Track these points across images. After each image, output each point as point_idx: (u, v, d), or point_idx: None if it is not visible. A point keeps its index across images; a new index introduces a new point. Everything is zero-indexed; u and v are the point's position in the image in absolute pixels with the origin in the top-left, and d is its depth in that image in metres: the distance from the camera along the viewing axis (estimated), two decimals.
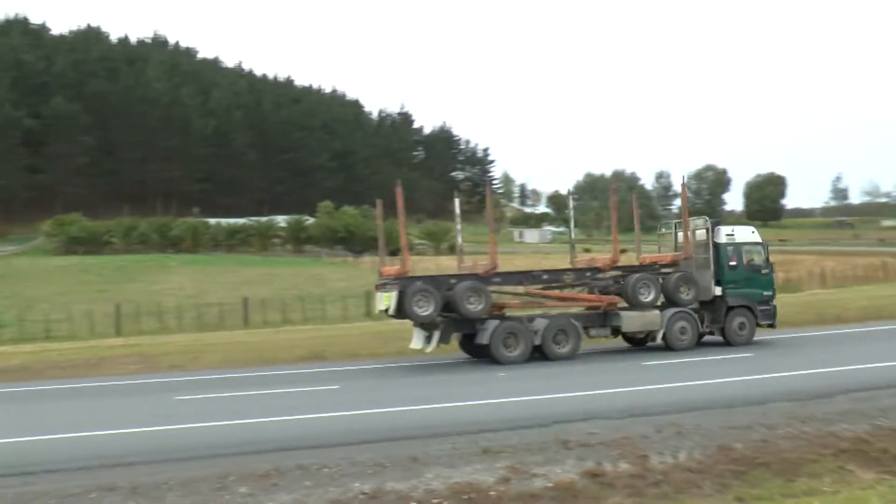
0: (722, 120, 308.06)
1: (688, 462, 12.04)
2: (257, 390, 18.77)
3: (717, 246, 23.91)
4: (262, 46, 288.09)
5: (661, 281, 23.24)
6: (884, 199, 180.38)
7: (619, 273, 23.49)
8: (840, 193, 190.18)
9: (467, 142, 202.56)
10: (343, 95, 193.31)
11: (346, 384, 19.49)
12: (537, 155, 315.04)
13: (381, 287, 22.34)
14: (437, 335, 21.63)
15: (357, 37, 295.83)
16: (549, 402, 15.74)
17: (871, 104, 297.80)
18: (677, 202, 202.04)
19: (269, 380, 20.67)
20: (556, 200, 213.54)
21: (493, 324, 21.58)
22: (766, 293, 24.22)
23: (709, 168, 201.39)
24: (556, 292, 23.73)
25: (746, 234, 25.31)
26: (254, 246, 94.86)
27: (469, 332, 22.31)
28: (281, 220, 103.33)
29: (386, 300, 21.60)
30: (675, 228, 26.34)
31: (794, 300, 35.62)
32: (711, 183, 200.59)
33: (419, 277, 22.85)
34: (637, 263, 24.88)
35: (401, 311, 21.21)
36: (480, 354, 22.37)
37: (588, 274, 23.73)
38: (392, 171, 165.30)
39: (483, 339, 21.58)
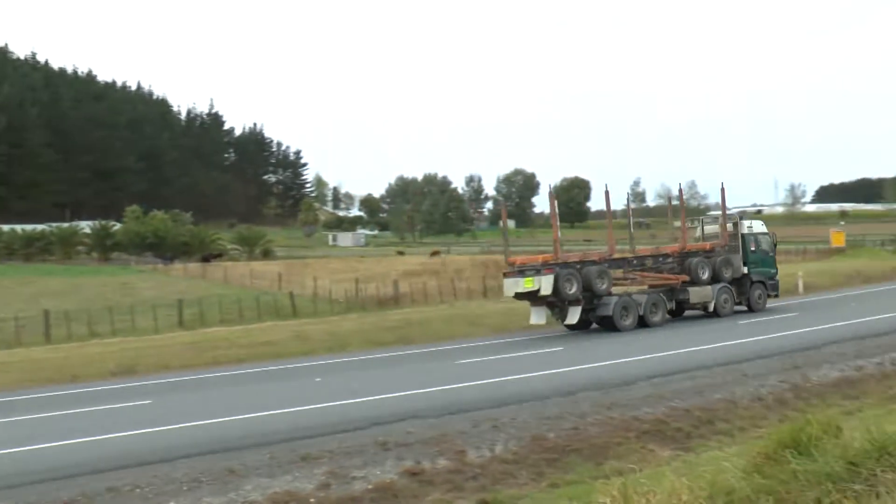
0: (529, 124, 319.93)
1: (504, 454, 12.50)
2: (61, 410, 17.50)
3: (742, 236, 30.50)
4: (59, 36, 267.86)
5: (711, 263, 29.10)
6: (676, 202, 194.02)
7: (680, 258, 29.00)
8: (638, 196, 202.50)
9: (279, 144, 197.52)
10: (149, 93, 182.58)
11: (158, 398, 18.53)
12: (349, 158, 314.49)
13: (519, 273, 26.25)
14: (578, 310, 25.93)
15: (163, 31, 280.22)
16: (367, 404, 15.70)
17: (660, 111, 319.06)
18: (489, 205, 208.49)
19: (74, 399, 19.28)
20: (369, 203, 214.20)
21: (613, 299, 26.42)
22: (772, 271, 31.65)
23: (518, 172, 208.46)
24: (651, 273, 28.80)
25: (759, 226, 33.07)
26: (55, 254, 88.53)
27: (589, 308, 26.40)
28: (85, 225, 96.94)
29: (527, 283, 25.67)
30: (702, 223, 34.10)
31: None
32: (520, 187, 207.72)
33: (565, 264, 26.62)
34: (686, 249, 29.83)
35: (556, 292, 25.31)
36: (586, 326, 27.08)
37: (661, 259, 29.13)
38: (202, 173, 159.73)
39: (606, 311, 26.20)
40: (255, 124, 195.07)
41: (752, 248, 30.81)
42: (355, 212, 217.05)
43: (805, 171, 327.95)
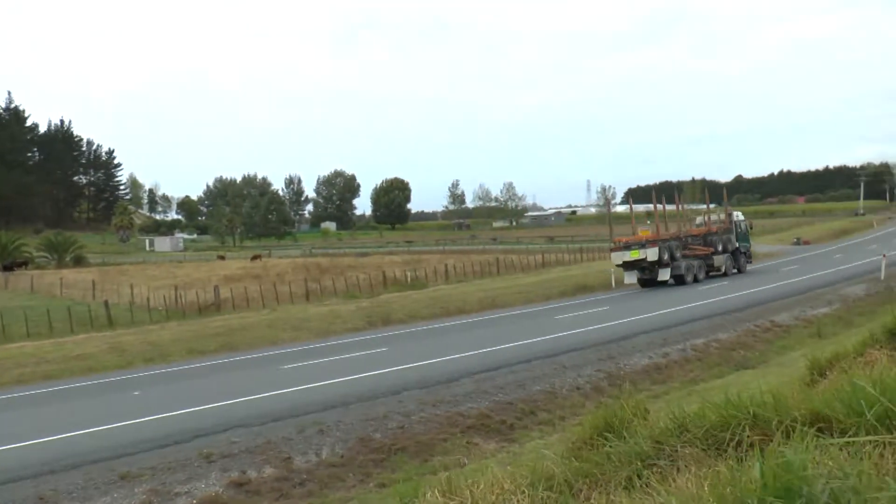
0: (347, 126, 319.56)
1: (331, 457, 12.41)
2: None
3: (734, 222, 44.49)
4: None
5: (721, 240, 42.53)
6: (493, 203, 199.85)
7: (704, 237, 41.87)
8: (457, 198, 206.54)
9: (90, 143, 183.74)
10: None
11: None
12: (165, 158, 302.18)
13: (625, 248, 38.00)
14: (667, 270, 37.97)
15: None
16: (190, 415, 15.04)
17: (477, 116, 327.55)
18: (310, 207, 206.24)
19: None
20: (187, 206, 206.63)
21: (683, 263, 38.76)
22: (748, 245, 45.80)
23: (338, 174, 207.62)
24: (698, 247, 41.20)
25: (740, 216, 46.69)
26: None
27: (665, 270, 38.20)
28: None
29: (633, 254, 37.40)
30: (708, 214, 46.22)
31: (422, 296, 38.05)
32: (341, 189, 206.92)
33: (663, 240, 38.16)
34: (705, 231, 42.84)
35: (658, 259, 37.20)
36: (653, 285, 38.01)
37: (697, 237, 41.52)
38: (1, 174, 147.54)
39: (680, 272, 38.34)
40: (62, 121, 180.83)
41: (740, 230, 44.77)
42: (173, 215, 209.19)
43: (614, 175, 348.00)
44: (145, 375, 21.26)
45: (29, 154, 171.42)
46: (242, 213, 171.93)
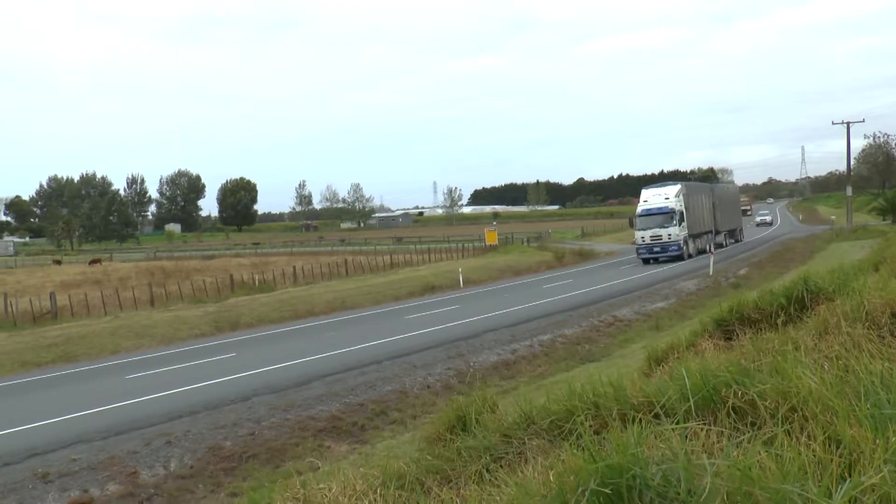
0: (192, 123, 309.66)
1: (180, 469, 12.05)
2: None
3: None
4: None
5: None
6: (341, 205, 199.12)
7: None
8: (305, 199, 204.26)
9: None
10: None
11: None
12: None
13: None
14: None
15: None
16: (23, 434, 14.09)
17: (334, 114, 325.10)
18: (153, 209, 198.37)
19: None
20: (17, 207, 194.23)
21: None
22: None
23: (182, 174, 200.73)
24: None
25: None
26: None
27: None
28: None
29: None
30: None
31: (271, 299, 37.36)
32: (185, 189, 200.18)
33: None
34: None
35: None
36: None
37: None
38: None
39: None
40: None
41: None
42: (1, 217, 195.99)
43: (460, 177, 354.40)
44: None
45: None
46: (81, 214, 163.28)
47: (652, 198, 47.94)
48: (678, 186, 48.45)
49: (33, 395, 18.75)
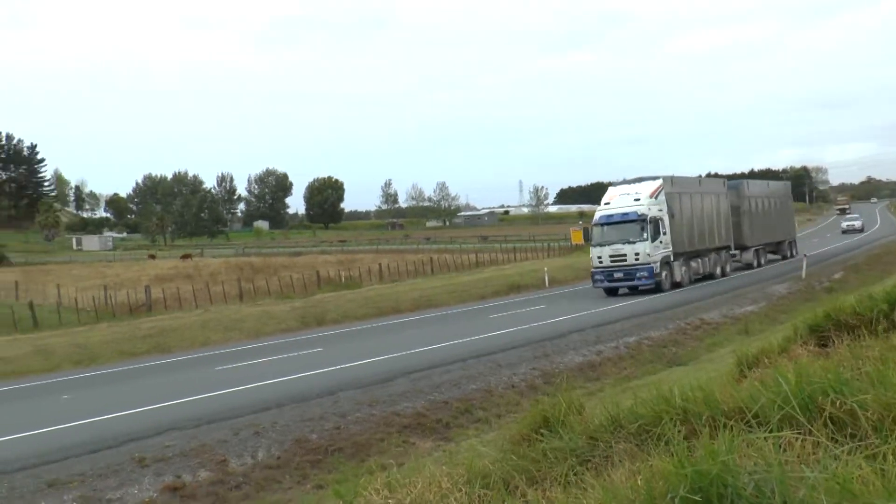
0: (280, 123, 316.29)
1: (267, 460, 12.31)
2: None
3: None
4: None
5: None
6: (427, 203, 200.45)
7: None
8: (391, 197, 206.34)
9: (10, 137, 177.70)
10: None
11: None
12: (92, 154, 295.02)
13: None
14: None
15: None
16: (122, 419, 14.66)
17: (420, 113, 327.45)
18: (242, 206, 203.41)
19: None
20: (115, 204, 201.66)
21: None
22: None
23: (270, 172, 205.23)
24: None
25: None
26: None
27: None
28: None
29: None
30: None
31: (356, 296, 37.90)
32: (273, 187, 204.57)
33: None
34: None
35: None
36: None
37: None
38: None
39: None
40: None
41: None
42: (101, 213, 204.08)
43: (546, 176, 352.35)
44: (74, 378, 20.76)
45: None
46: (173, 211, 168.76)
47: (617, 199, 33.85)
48: (657, 182, 33.98)
49: (130, 383, 19.47)
